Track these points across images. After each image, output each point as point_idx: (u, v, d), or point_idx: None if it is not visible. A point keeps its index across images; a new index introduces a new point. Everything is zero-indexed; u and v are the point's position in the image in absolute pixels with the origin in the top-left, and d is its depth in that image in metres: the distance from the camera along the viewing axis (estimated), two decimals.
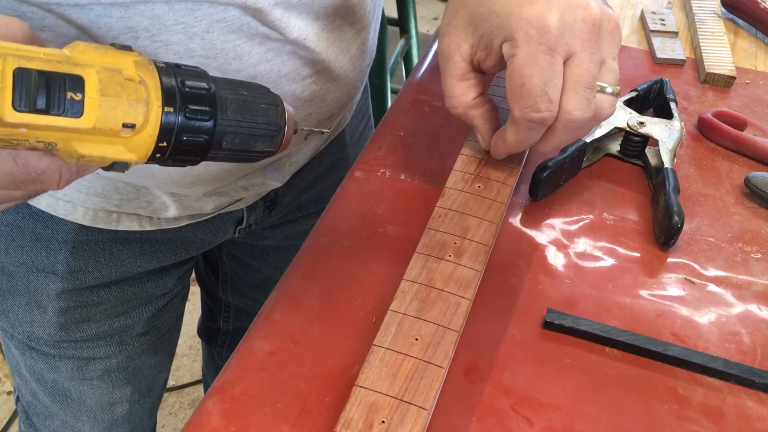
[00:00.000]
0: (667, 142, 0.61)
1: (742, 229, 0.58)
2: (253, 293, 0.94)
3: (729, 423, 0.45)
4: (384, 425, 0.39)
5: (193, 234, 0.69)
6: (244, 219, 0.73)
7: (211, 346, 1.06)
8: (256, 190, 0.67)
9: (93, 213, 0.61)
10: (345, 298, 0.51)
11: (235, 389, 0.45)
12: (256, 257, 0.88)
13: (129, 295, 0.70)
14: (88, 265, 0.65)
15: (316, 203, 0.80)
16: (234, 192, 0.65)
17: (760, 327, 0.51)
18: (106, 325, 0.70)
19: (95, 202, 0.60)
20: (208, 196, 0.64)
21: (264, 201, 0.73)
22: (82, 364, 0.72)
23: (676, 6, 0.87)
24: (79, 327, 0.69)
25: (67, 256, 0.63)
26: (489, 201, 0.53)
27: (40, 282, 0.65)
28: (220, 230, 0.72)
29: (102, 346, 0.72)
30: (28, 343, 0.71)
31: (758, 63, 0.78)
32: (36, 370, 0.74)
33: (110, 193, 0.60)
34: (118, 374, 0.75)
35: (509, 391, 0.46)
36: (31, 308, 0.67)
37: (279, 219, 0.79)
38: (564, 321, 0.49)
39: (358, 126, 0.80)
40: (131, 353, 0.74)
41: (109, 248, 0.65)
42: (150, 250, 0.67)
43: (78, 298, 0.67)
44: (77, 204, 0.60)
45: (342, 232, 0.56)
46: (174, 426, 1.53)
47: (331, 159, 0.77)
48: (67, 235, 0.62)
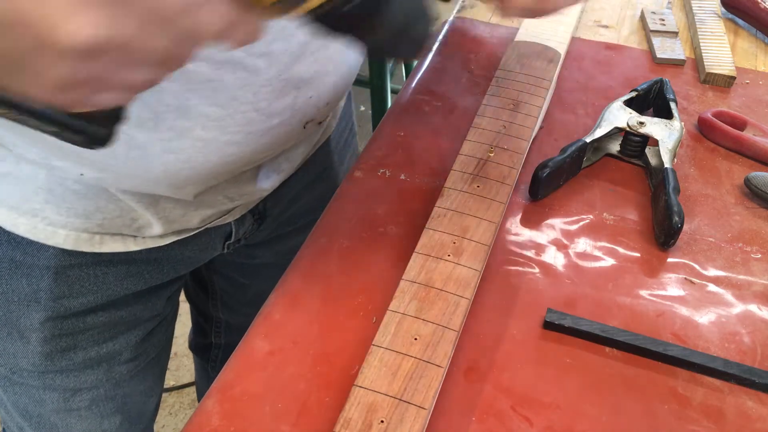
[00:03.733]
0: (667, 142, 0.61)
1: (742, 229, 0.58)
2: (245, 308, 0.90)
3: (729, 423, 0.45)
4: (383, 425, 0.39)
5: (180, 252, 0.67)
6: (233, 233, 0.71)
7: (203, 360, 1.04)
8: (245, 199, 0.66)
9: (75, 235, 0.59)
10: (345, 298, 0.51)
11: (235, 389, 0.45)
12: (247, 275, 0.86)
13: (117, 319, 0.67)
14: (72, 291, 0.62)
15: (306, 216, 0.78)
16: (221, 203, 0.63)
17: (760, 327, 0.51)
18: (93, 352, 0.67)
19: (77, 224, 0.58)
20: (195, 208, 0.62)
21: (252, 214, 0.71)
22: (69, 395, 0.70)
23: (676, 6, 0.87)
24: (65, 355, 0.66)
25: (50, 283, 0.60)
26: (488, 201, 0.53)
27: (21, 312, 0.62)
28: (209, 246, 0.70)
29: (89, 374, 0.69)
30: (11, 377, 0.68)
31: (758, 63, 0.78)
32: (20, 405, 0.71)
33: (92, 213, 0.58)
34: (106, 403, 0.72)
35: (509, 391, 0.46)
36: (14, 339, 0.64)
37: (268, 234, 0.77)
38: (564, 321, 0.49)
39: (343, 133, 0.80)
40: (119, 380, 0.71)
41: (94, 272, 0.62)
42: (136, 271, 0.65)
43: (63, 325, 0.64)
44: (57, 227, 0.58)
45: (342, 232, 0.56)
46: (174, 426, 1.53)
47: (318, 168, 0.76)
48: (49, 261, 0.60)
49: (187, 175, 0.56)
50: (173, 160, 0.53)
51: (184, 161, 0.53)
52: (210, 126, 0.52)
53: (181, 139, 0.52)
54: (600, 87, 0.73)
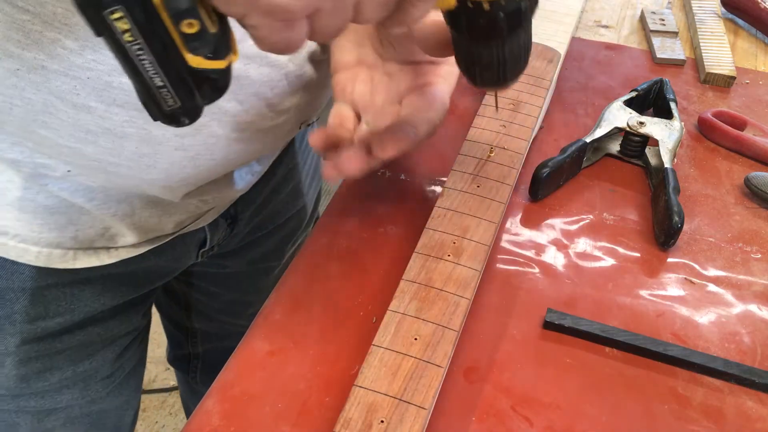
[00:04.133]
0: (667, 142, 0.61)
1: (742, 229, 0.58)
2: (220, 316, 0.90)
3: (729, 423, 0.45)
4: (383, 425, 0.39)
5: (155, 262, 0.65)
6: (207, 240, 0.70)
7: (184, 373, 1.02)
8: (218, 202, 0.65)
9: (47, 252, 0.57)
10: (345, 298, 0.51)
11: (235, 389, 0.45)
12: (219, 284, 0.85)
13: (93, 337, 0.65)
14: (48, 311, 0.60)
15: (275, 219, 0.78)
16: (195, 207, 0.62)
17: (760, 327, 0.51)
18: (69, 372, 0.66)
19: (50, 239, 0.56)
20: (170, 214, 0.60)
21: (225, 218, 0.70)
22: (43, 416, 0.68)
23: (676, 6, 0.87)
24: (41, 376, 0.64)
25: (26, 305, 0.59)
26: (488, 201, 0.53)
27: None
28: (183, 255, 0.68)
29: (65, 394, 0.67)
30: None
31: (758, 63, 0.78)
32: None
33: (64, 226, 0.56)
34: (81, 420, 0.71)
35: (509, 391, 0.46)
36: None
37: (240, 241, 0.77)
38: (564, 321, 0.49)
39: (304, 134, 0.80)
40: (95, 398, 0.70)
41: (71, 290, 0.61)
42: (112, 286, 0.64)
43: (39, 347, 0.62)
44: (29, 244, 0.56)
45: (342, 232, 0.56)
46: (174, 426, 1.53)
47: (284, 170, 0.76)
48: (24, 284, 0.58)
49: (188, 173, 0.55)
50: (180, 157, 0.52)
51: (190, 159, 0.53)
52: (225, 122, 0.52)
53: (195, 135, 0.51)
54: (600, 87, 0.73)
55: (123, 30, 0.29)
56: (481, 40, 0.42)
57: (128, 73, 0.32)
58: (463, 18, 0.40)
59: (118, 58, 0.31)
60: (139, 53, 0.30)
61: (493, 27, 0.40)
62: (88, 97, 0.46)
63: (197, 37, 0.31)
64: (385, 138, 0.49)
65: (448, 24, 0.43)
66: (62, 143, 0.48)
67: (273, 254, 0.84)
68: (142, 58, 0.31)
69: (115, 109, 0.47)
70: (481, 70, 0.44)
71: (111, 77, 0.45)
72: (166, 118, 0.34)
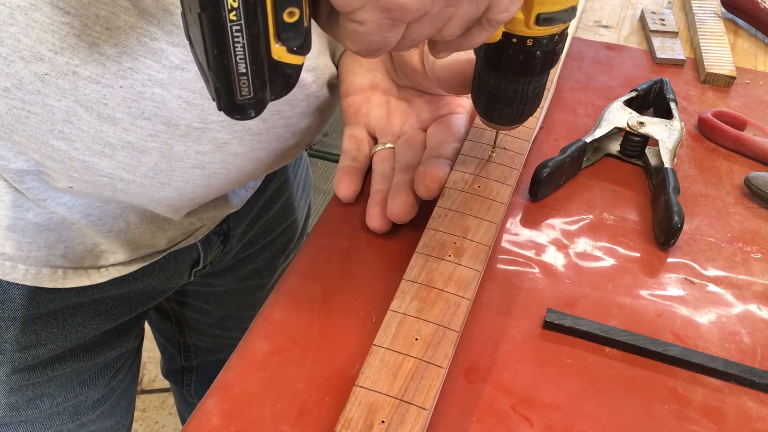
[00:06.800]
0: (667, 142, 0.61)
1: (742, 229, 0.58)
2: (213, 330, 0.89)
3: (729, 423, 0.45)
4: (384, 425, 0.39)
5: (147, 283, 0.65)
6: (201, 259, 0.69)
7: (179, 386, 1.01)
8: (212, 219, 0.64)
9: (36, 270, 0.55)
10: (345, 298, 0.51)
11: (235, 389, 0.45)
12: (210, 302, 0.84)
13: (86, 362, 0.64)
14: (40, 339, 0.59)
15: (266, 234, 0.78)
16: (189, 224, 0.61)
17: (760, 327, 0.51)
18: (60, 398, 0.64)
19: (38, 257, 0.55)
20: (164, 230, 0.59)
21: (217, 235, 0.69)
22: None
23: (676, 6, 0.87)
24: (32, 404, 0.63)
25: (17, 333, 0.57)
26: (489, 201, 0.53)
27: None
28: (176, 275, 0.68)
29: (55, 419, 0.65)
30: None
31: (758, 63, 0.78)
32: None
33: (54, 243, 0.55)
34: None
35: (509, 391, 0.46)
36: None
37: (231, 259, 0.76)
38: (564, 321, 0.49)
39: None
40: (85, 422, 0.69)
41: (62, 316, 0.59)
42: (104, 309, 0.63)
43: (30, 375, 0.61)
44: (17, 262, 0.54)
45: (342, 232, 0.56)
46: (174, 426, 1.53)
47: (276, 184, 0.75)
48: (15, 312, 0.57)
49: (199, 193, 0.54)
50: (197, 175, 0.51)
51: (206, 177, 0.52)
52: (246, 140, 0.51)
53: (216, 153, 0.50)
54: (600, 87, 0.73)
55: (232, 7, 0.28)
56: (513, 75, 0.42)
57: (212, 58, 0.30)
58: (503, 53, 0.41)
59: (209, 40, 0.29)
60: (237, 35, 0.29)
61: (530, 64, 0.41)
62: (116, 107, 0.44)
63: (293, 27, 0.30)
64: (426, 177, 0.52)
65: (480, 58, 0.44)
66: (75, 156, 0.46)
67: (265, 270, 0.83)
68: (237, 40, 0.29)
69: (142, 122, 0.45)
70: (501, 106, 0.45)
71: (144, 87, 0.44)
72: (235, 109, 0.32)
